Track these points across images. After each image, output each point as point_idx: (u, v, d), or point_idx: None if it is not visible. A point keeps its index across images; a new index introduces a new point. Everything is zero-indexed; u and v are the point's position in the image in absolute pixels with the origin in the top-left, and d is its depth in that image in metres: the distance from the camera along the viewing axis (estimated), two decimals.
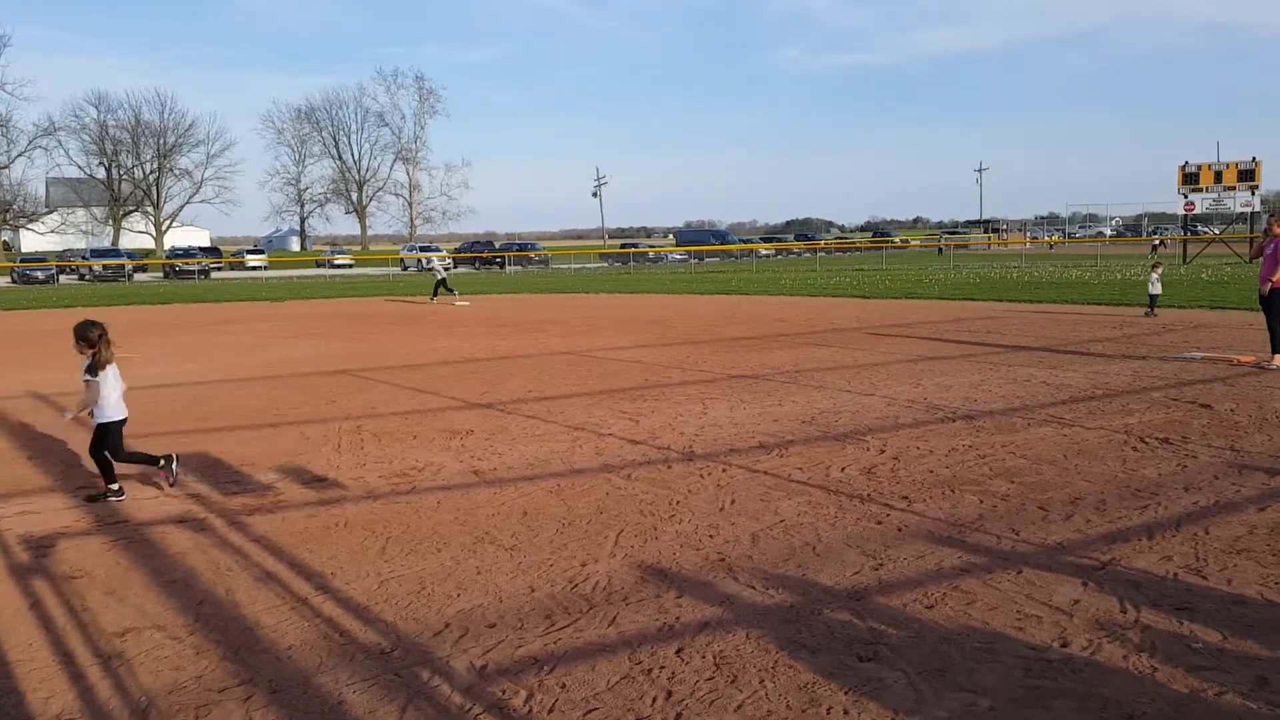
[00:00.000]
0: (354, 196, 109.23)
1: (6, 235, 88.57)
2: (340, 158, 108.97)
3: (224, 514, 6.25)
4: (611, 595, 4.73)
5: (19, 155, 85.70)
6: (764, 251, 70.00)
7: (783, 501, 6.31)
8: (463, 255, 69.75)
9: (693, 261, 62.57)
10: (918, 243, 79.99)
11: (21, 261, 57.48)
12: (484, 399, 10.60)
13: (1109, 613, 4.35)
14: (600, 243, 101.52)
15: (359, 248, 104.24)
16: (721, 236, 77.83)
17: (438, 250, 68.07)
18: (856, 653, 3.98)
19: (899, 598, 4.60)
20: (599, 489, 6.73)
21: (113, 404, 6.70)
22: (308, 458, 7.87)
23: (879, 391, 10.48)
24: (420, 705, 3.62)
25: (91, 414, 6.67)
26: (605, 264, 69.41)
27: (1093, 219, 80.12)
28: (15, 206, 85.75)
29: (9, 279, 53.32)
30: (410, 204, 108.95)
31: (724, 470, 7.19)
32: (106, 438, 6.66)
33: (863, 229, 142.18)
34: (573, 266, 65.99)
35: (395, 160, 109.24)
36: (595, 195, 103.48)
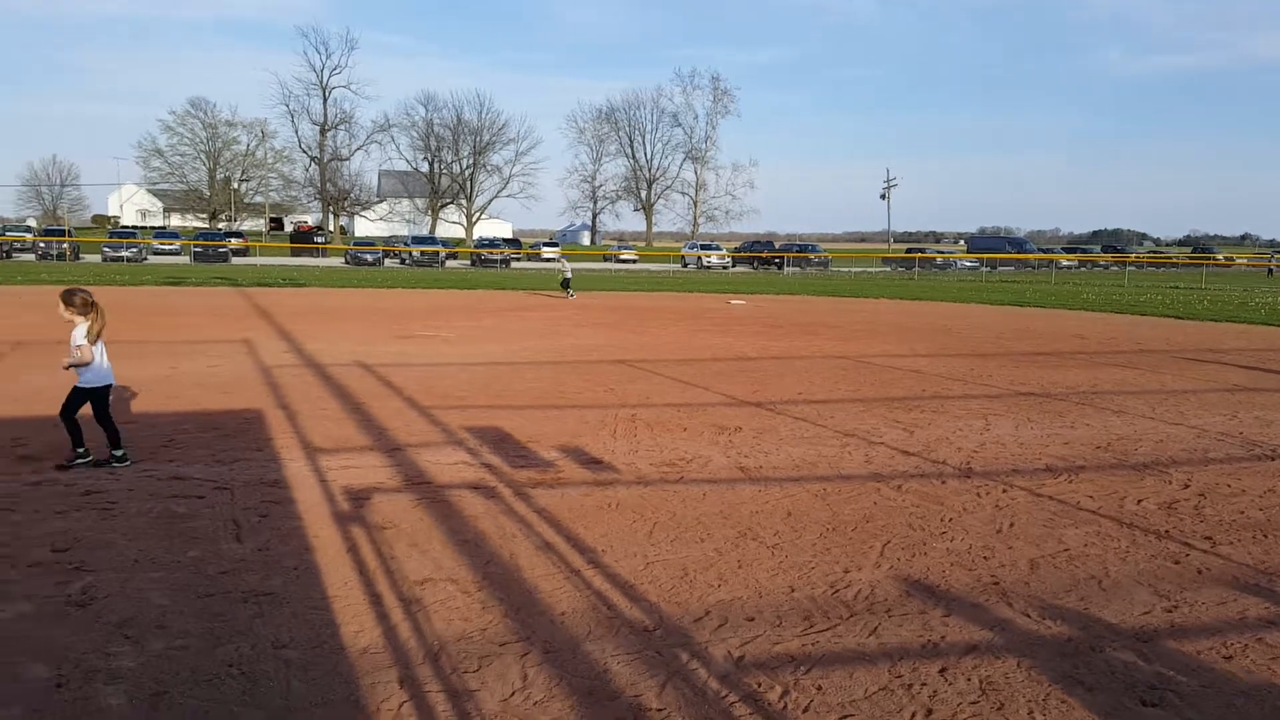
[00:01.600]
0: (643, 194, 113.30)
1: (343, 221, 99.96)
2: (633, 156, 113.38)
3: (511, 484, 6.75)
4: (874, 605, 4.66)
5: (358, 149, 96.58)
6: (1065, 262, 65.38)
7: (1068, 529, 5.92)
8: (741, 255, 70.42)
9: (984, 270, 59.62)
10: (1244, 261, 71.22)
11: (355, 245, 64.73)
12: (754, 397, 10.70)
13: None
14: (885, 246, 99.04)
15: (643, 243, 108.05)
16: (1018, 244, 73.23)
17: (717, 249, 69.30)
18: (1140, 696, 3.69)
19: (1192, 644, 4.19)
20: (867, 497, 6.63)
21: (98, 371, 6.95)
22: (586, 440, 8.31)
23: (1187, 421, 9.53)
24: (679, 685, 3.76)
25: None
26: (888, 268, 67.60)
27: None
28: (352, 195, 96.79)
29: (343, 260, 60.15)
30: (695, 202, 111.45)
31: (1004, 491, 6.84)
32: (81, 401, 6.90)
33: (1181, 243, 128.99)
34: (854, 270, 64.83)
35: (685, 159, 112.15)
36: (883, 197, 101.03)
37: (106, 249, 55.60)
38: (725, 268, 67.40)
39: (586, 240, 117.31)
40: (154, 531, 5.50)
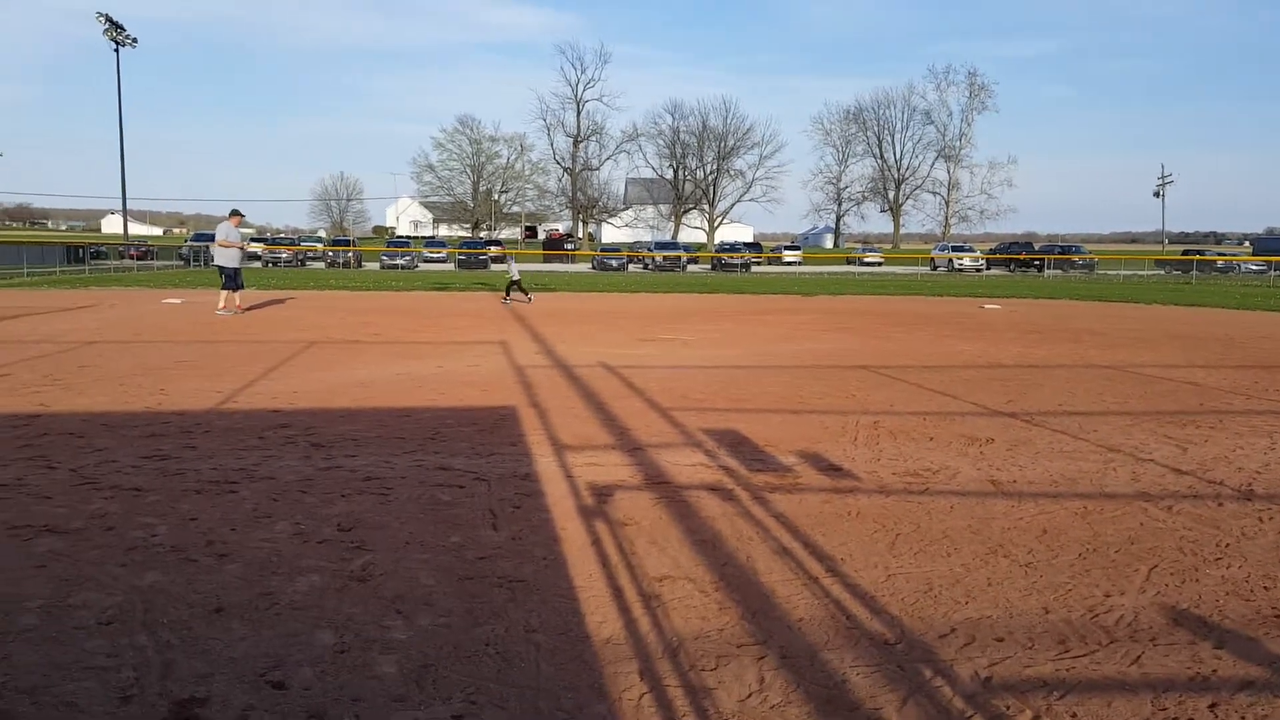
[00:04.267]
0: (890, 195, 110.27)
1: (591, 228, 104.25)
2: (881, 156, 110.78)
3: (749, 488, 6.80)
4: (1136, 633, 4.33)
5: (607, 159, 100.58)
6: None
7: None
8: (996, 256, 67.02)
9: (1272, 274, 53.57)
10: None
11: (602, 250, 67.35)
12: (1008, 408, 10.17)
13: None
14: (1158, 248, 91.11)
15: (889, 246, 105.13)
16: None
17: (970, 250, 66.29)
18: None
19: None
20: (1132, 518, 6.14)
21: None
22: (825, 446, 8.22)
23: None
24: (920, 701, 3.66)
25: None
26: (1162, 271, 62.15)
27: None
28: (601, 203, 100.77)
29: (590, 265, 62.67)
30: (947, 202, 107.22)
31: None
32: None
33: None
34: (1122, 273, 60.01)
35: (937, 158, 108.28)
36: (1157, 195, 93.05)
37: (384, 257, 61.07)
38: (978, 270, 64.37)
39: (829, 243, 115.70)
40: (422, 516, 5.99)
